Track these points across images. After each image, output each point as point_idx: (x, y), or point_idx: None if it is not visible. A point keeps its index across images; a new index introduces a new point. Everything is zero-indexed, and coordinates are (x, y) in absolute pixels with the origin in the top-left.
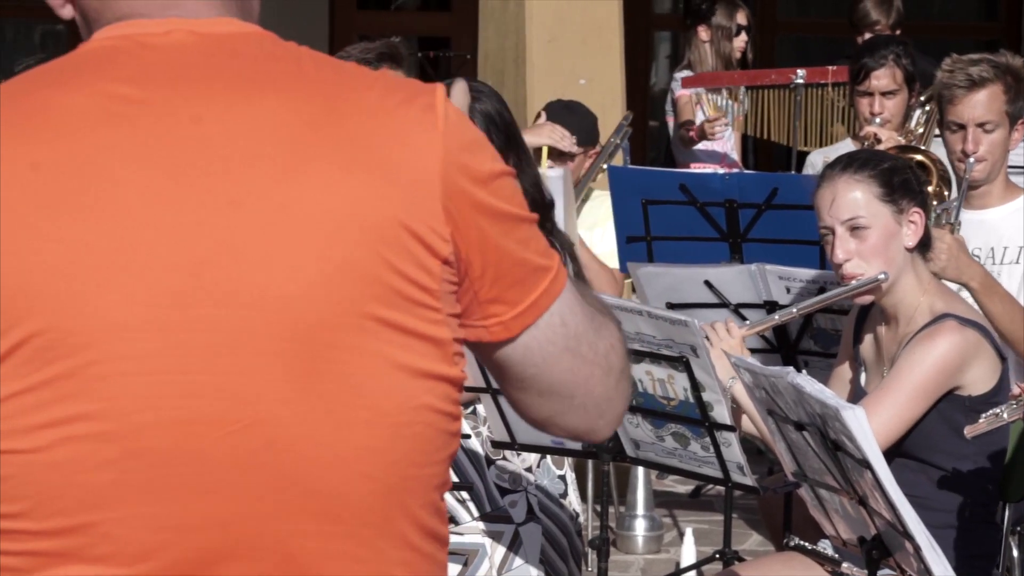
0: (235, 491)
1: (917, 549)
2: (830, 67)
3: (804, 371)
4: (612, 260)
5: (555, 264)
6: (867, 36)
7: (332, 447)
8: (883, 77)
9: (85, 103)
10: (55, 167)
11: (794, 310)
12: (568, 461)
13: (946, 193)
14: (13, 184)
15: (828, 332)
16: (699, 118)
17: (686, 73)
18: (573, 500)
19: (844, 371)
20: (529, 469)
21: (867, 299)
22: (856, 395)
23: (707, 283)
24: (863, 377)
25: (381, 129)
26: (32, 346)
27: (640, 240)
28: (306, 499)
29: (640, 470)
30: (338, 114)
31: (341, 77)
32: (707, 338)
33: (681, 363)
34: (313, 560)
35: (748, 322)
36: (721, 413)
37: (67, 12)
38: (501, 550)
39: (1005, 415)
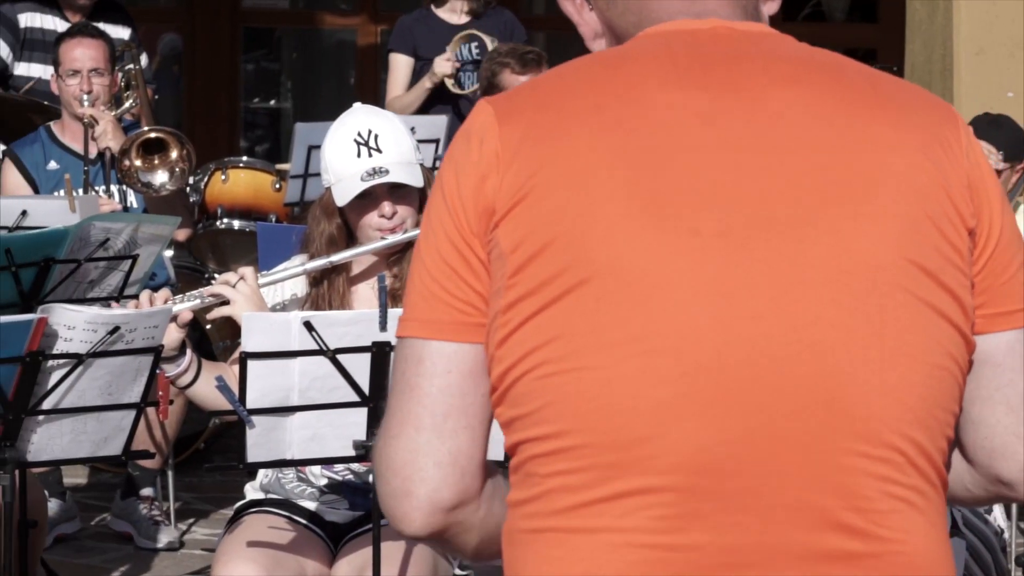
0: (784, 409)
1: None
2: None
3: None
4: None
5: None
6: None
7: (880, 373)
8: None
9: (656, 69)
10: (635, 121)
11: None
12: None
13: None
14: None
15: None
16: None
17: None
18: (998, 516)
19: None
20: None
21: None
22: None
23: None
24: None
25: (921, 106)
26: (597, 284)
27: None
28: (851, 422)
29: None
30: (882, 90)
31: (864, 68)
32: None
33: None
34: (855, 478)
35: None
36: None
37: (598, 45)
38: None
39: None
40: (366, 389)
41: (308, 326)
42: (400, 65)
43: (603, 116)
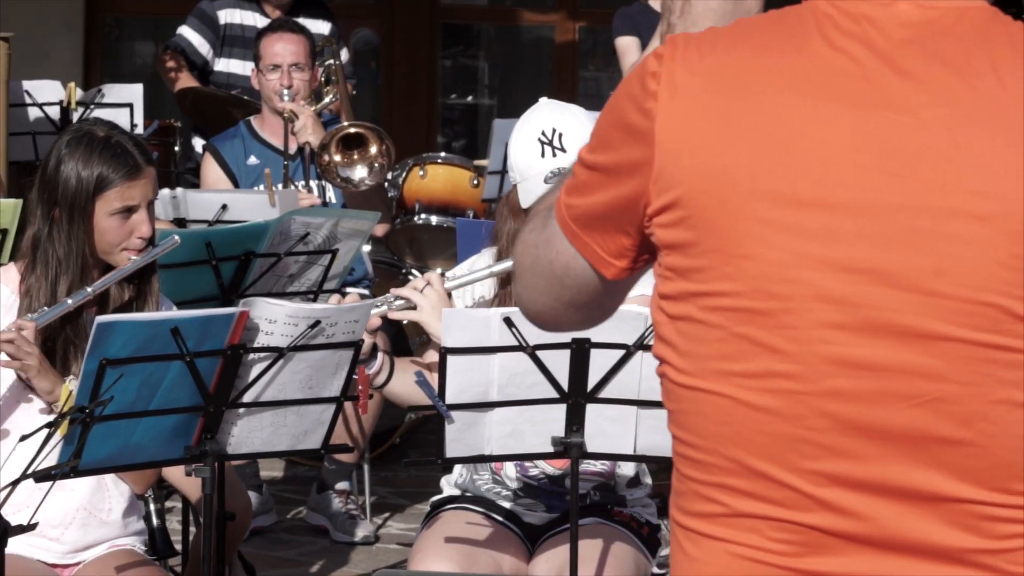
0: (904, 453)
1: None
2: None
3: None
4: None
5: None
6: None
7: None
8: None
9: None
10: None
11: None
12: None
13: None
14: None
15: None
16: None
17: None
18: None
19: None
20: None
21: None
22: None
23: None
24: None
25: None
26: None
27: None
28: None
29: None
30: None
31: None
32: None
33: None
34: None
35: None
36: None
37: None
38: None
39: None
40: (565, 385)
41: (508, 322)
42: (630, 47)
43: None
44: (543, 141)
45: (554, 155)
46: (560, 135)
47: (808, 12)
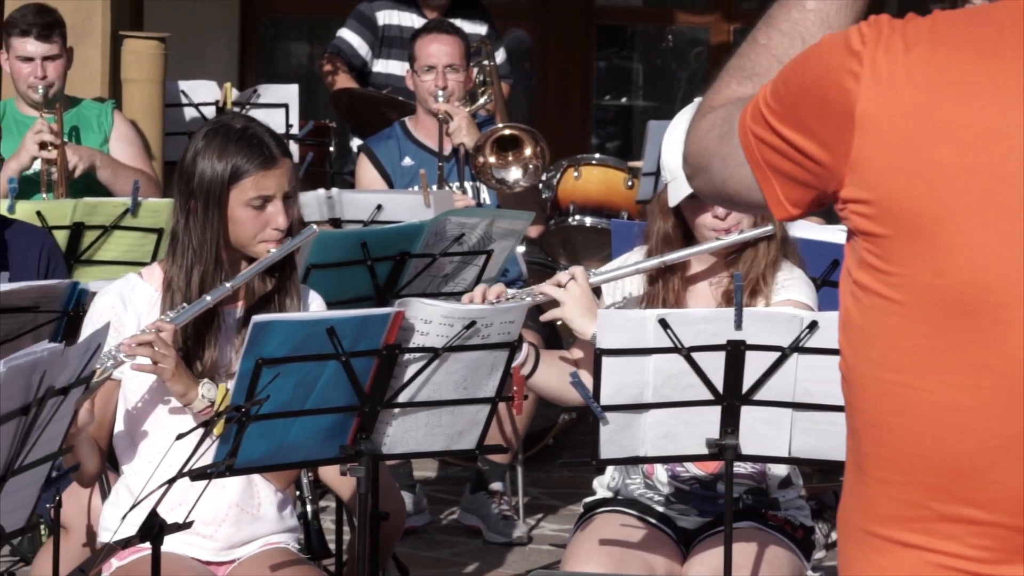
0: None
1: None
2: None
3: None
4: None
5: None
6: None
7: None
8: None
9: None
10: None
11: None
12: None
13: None
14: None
15: None
16: None
17: None
18: None
19: None
20: None
21: None
22: None
23: None
24: None
25: None
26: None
27: None
28: None
29: None
30: None
31: None
32: None
33: None
34: None
35: None
36: None
37: None
38: None
39: None
40: (720, 387)
41: (663, 323)
42: None
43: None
44: None
45: None
46: None
47: (1006, 12)
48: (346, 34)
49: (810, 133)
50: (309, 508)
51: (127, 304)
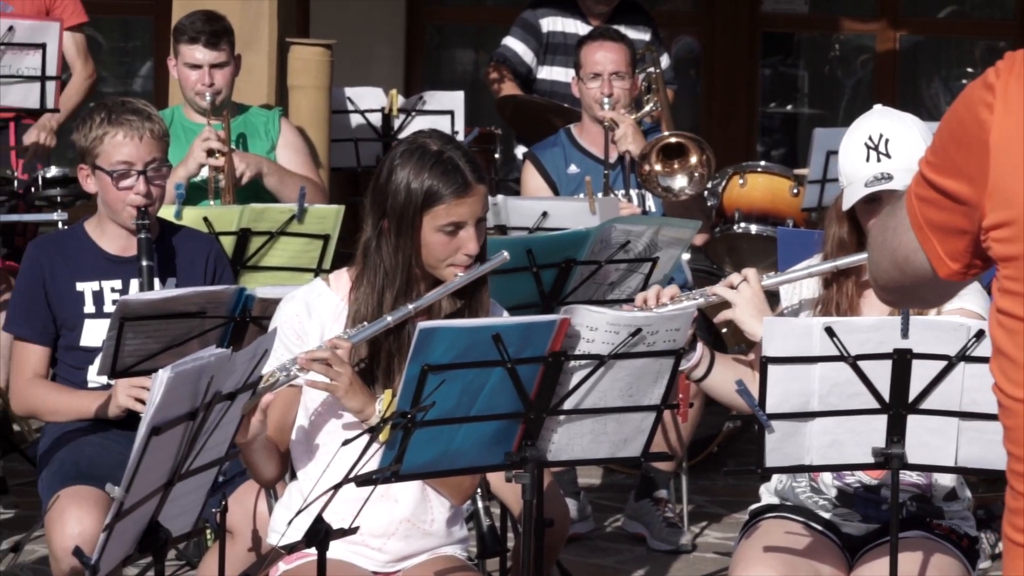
0: None
1: None
2: None
3: None
4: None
5: None
6: None
7: None
8: None
9: None
10: None
11: None
12: None
13: None
14: None
15: None
16: None
17: None
18: None
19: None
20: None
21: None
22: None
23: None
24: None
25: None
26: None
27: None
28: None
29: None
30: None
31: None
32: None
33: None
34: None
35: None
36: None
37: None
38: None
39: None
40: (886, 396)
41: (829, 332)
42: None
43: None
44: (869, 145)
45: (878, 160)
46: (887, 140)
47: None
48: (511, 42)
49: (957, 172)
50: (481, 505)
51: (312, 312)
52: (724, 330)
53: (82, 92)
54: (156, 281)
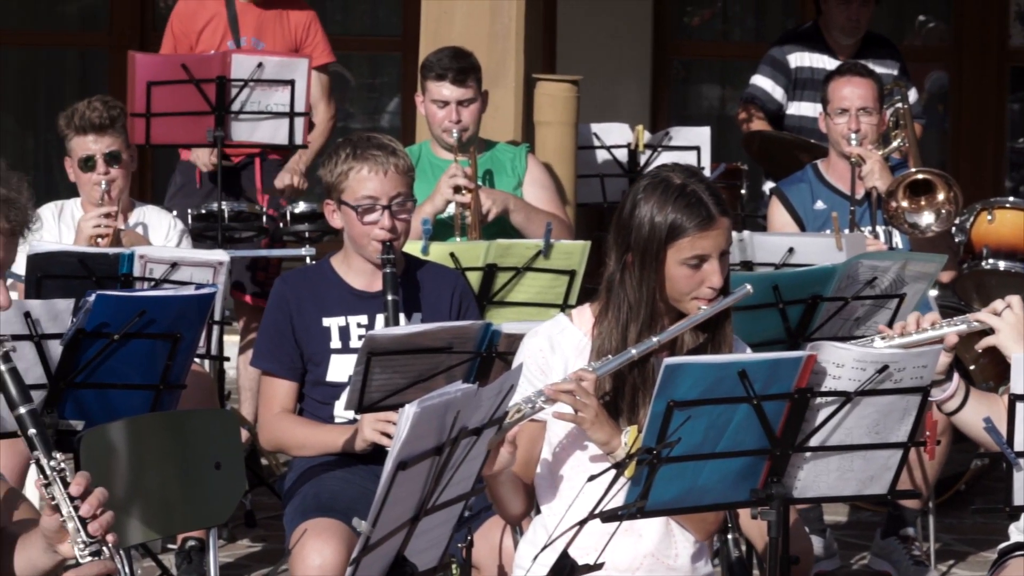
0: None
1: None
2: None
3: None
4: None
5: None
6: None
7: None
8: None
9: None
10: None
11: None
12: None
13: None
14: None
15: None
16: None
17: None
18: None
19: None
20: None
21: None
22: None
23: None
24: None
25: None
26: None
27: None
28: None
29: None
30: None
31: None
32: None
33: None
34: None
35: None
36: None
37: None
38: None
39: None
40: None
41: None
42: None
43: None
44: None
45: None
46: None
47: None
48: (760, 80)
49: None
50: (731, 537)
51: (555, 347)
52: (972, 367)
53: (326, 133)
54: (401, 316)
